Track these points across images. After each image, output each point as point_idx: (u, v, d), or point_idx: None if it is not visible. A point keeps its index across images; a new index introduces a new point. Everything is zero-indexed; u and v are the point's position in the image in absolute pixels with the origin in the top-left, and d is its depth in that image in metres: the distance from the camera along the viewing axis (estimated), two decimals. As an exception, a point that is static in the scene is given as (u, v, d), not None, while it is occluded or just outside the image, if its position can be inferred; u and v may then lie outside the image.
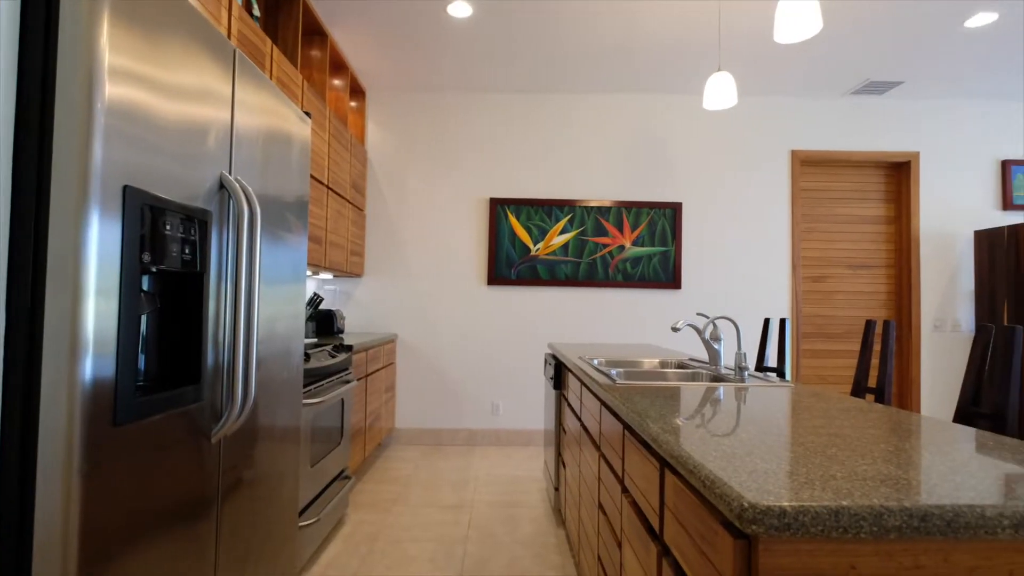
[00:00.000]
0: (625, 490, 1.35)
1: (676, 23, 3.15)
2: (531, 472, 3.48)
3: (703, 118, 4.24)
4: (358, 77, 3.97)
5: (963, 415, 1.71)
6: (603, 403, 1.64)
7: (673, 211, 4.15)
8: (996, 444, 0.98)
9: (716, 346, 2.01)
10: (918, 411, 4.15)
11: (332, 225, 3.29)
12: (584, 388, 1.99)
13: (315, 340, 3.00)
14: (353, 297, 4.16)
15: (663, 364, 2.34)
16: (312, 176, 2.93)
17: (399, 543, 2.41)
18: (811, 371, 4.24)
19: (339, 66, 3.65)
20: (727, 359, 4.24)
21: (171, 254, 1.09)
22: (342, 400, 2.65)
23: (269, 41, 2.36)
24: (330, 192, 3.25)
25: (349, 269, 3.71)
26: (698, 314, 2.18)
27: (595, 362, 2.24)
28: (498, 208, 4.15)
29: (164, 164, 1.07)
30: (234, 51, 1.34)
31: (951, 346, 4.17)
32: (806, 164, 4.29)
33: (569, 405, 2.41)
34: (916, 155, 4.19)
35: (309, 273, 3.54)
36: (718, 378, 1.94)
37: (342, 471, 2.65)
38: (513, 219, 4.14)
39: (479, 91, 4.22)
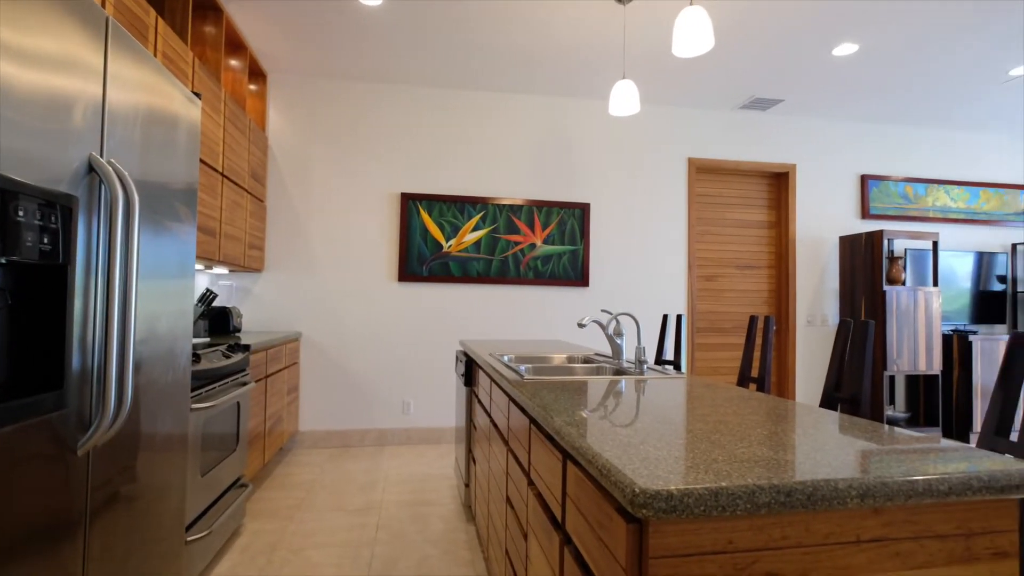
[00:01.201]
0: (531, 483, 1.38)
1: (583, 30, 3.25)
2: (442, 470, 3.46)
3: (609, 123, 4.42)
4: (258, 59, 3.72)
5: (827, 400, 1.93)
6: (511, 398, 1.66)
7: (582, 211, 4.30)
8: (851, 425, 1.11)
9: (619, 341, 2.11)
10: (793, 398, 4.63)
11: (227, 216, 3.06)
12: (494, 384, 2.01)
13: (207, 340, 2.78)
14: (252, 293, 3.91)
15: (570, 359, 2.41)
16: (204, 162, 2.71)
17: (301, 551, 2.30)
18: (704, 363, 4.57)
19: (237, 45, 3.40)
20: (629, 353, 4.46)
21: (26, 244, 0.96)
22: (238, 403, 2.48)
23: (153, 12, 2.15)
24: (225, 180, 3.02)
25: (247, 264, 3.47)
26: (602, 311, 2.27)
27: (505, 358, 2.27)
28: (410, 203, 4.07)
29: (18, 141, 0.94)
30: (107, 19, 1.21)
31: (821, 338, 4.68)
32: (701, 171, 4.62)
33: (480, 402, 2.42)
34: (793, 167, 4.64)
35: (200, 267, 3.27)
36: (620, 371, 2.03)
37: (238, 479, 2.49)
38: (425, 215, 4.09)
39: (391, 82, 4.11)
